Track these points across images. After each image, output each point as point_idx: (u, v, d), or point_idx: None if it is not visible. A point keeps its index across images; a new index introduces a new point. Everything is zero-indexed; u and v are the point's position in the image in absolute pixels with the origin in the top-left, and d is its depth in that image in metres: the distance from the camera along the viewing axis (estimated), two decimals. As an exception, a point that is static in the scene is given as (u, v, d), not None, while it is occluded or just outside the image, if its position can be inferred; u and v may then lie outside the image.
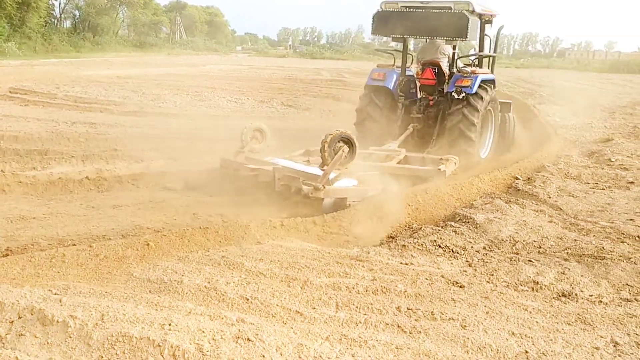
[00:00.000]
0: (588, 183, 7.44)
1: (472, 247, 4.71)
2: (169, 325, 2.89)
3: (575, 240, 5.01)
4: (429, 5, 7.84)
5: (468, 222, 5.33)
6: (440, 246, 4.65)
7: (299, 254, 4.27)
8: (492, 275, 4.11)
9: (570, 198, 6.53)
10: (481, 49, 8.78)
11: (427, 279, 3.94)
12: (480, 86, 7.82)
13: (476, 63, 8.85)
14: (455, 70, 8.33)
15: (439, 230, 5.04)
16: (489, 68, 8.89)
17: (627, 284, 4.04)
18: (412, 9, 7.90)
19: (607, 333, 3.29)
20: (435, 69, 8.28)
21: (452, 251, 4.59)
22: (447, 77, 8.33)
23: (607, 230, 5.32)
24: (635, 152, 9.70)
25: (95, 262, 3.81)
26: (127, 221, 5.06)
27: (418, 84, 8.61)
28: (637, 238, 5.12)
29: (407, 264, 4.26)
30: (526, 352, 3.02)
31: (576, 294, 3.84)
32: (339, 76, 27.82)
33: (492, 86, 8.31)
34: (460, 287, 3.83)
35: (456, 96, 7.69)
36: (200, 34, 76.04)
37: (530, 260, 4.44)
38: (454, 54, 8.51)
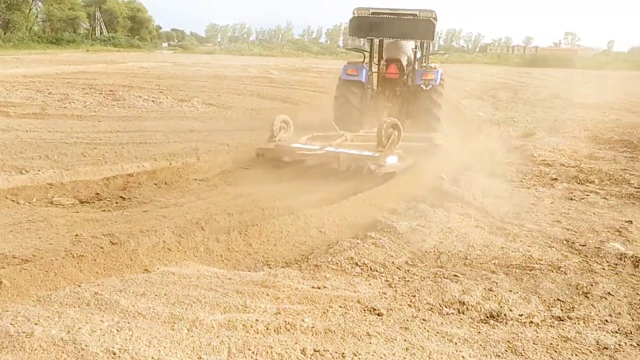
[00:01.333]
0: (513, 181, 7.22)
1: (392, 262, 4.23)
2: (-4, 404, 2.20)
3: (503, 247, 4.66)
4: (397, 12, 9.21)
5: (390, 231, 4.86)
6: (357, 264, 4.13)
7: (192, 283, 3.62)
8: (414, 296, 3.65)
9: (496, 199, 6.23)
10: (429, 48, 10.33)
11: (340, 306, 3.41)
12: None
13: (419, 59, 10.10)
14: (417, 66, 9.78)
15: (357, 243, 4.53)
16: (428, 62, 10.28)
17: (558, 299, 3.69)
18: (384, 15, 9.23)
19: (541, 365, 2.88)
20: (397, 64, 9.71)
21: (371, 269, 4.08)
22: (405, 72, 9.84)
23: (534, 235, 5.02)
24: (557, 147, 9.68)
25: None
26: (-11, 249, 4.21)
27: (379, 78, 9.98)
28: (564, 242, 4.85)
29: (319, 288, 3.72)
30: (451, 399, 2.55)
31: (505, 315, 3.44)
32: (266, 72, 27.09)
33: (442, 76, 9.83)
34: (378, 315, 3.33)
35: (424, 87, 9.17)
36: (122, 29, 72.33)
37: (455, 275, 4.02)
38: (415, 52, 10.04)
